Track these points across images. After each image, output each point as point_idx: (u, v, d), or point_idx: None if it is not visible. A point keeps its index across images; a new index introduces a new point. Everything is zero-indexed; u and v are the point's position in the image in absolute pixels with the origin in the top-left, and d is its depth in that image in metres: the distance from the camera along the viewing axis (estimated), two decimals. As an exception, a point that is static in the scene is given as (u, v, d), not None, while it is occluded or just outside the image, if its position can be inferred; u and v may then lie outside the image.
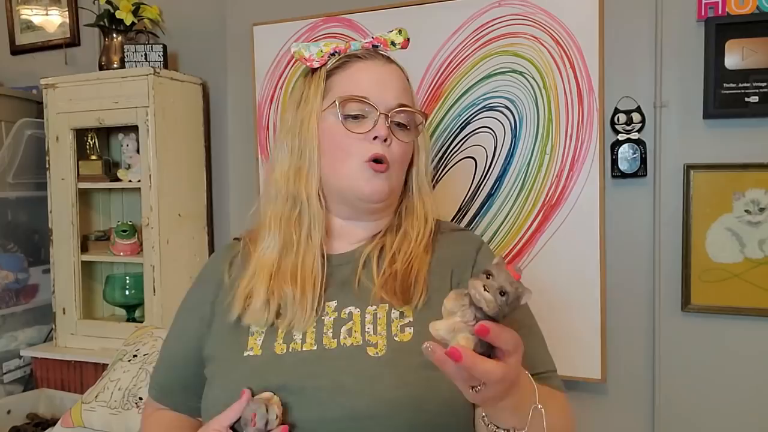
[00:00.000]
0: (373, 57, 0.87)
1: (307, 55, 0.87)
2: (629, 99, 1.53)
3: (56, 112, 2.04)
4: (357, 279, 0.83)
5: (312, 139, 0.85)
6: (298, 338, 0.80)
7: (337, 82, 0.86)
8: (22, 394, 2.07)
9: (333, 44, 0.87)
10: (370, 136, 0.82)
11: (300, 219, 0.85)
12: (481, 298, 0.53)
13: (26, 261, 2.23)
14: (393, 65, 0.88)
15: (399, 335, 0.78)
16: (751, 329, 1.45)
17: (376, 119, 0.83)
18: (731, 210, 1.46)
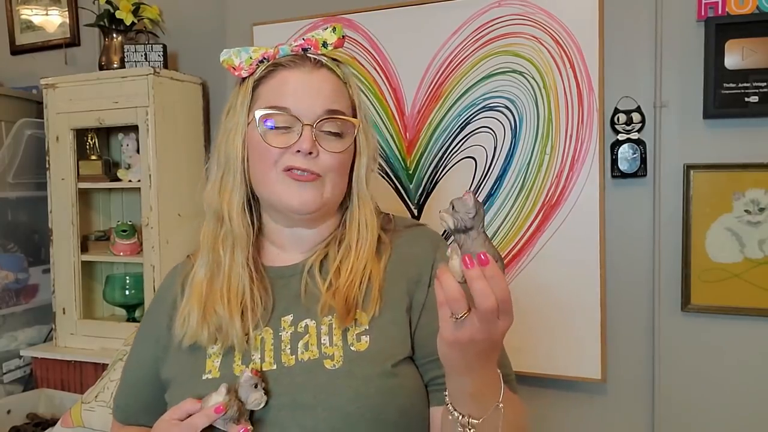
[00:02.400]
0: (301, 63, 0.82)
1: (237, 63, 0.83)
2: (629, 99, 1.53)
3: (56, 112, 2.04)
4: (303, 291, 0.82)
5: (236, 153, 0.82)
6: (257, 358, 0.79)
7: (263, 93, 0.82)
8: (22, 394, 2.07)
9: (261, 50, 0.83)
10: (293, 149, 0.79)
11: (225, 236, 0.83)
12: (442, 219, 0.62)
13: (26, 261, 2.23)
14: (323, 70, 0.83)
15: (355, 344, 0.77)
16: (751, 329, 1.45)
17: (300, 131, 0.79)
18: (731, 210, 1.46)
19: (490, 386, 0.66)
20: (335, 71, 0.84)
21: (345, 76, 0.85)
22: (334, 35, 0.84)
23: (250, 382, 0.72)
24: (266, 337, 0.80)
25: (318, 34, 0.84)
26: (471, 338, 0.60)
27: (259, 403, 0.72)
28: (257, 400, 0.72)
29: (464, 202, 0.61)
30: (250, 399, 0.72)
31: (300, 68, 0.82)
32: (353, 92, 0.86)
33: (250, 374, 0.73)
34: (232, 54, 0.84)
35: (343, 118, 0.82)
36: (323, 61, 0.84)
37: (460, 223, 0.60)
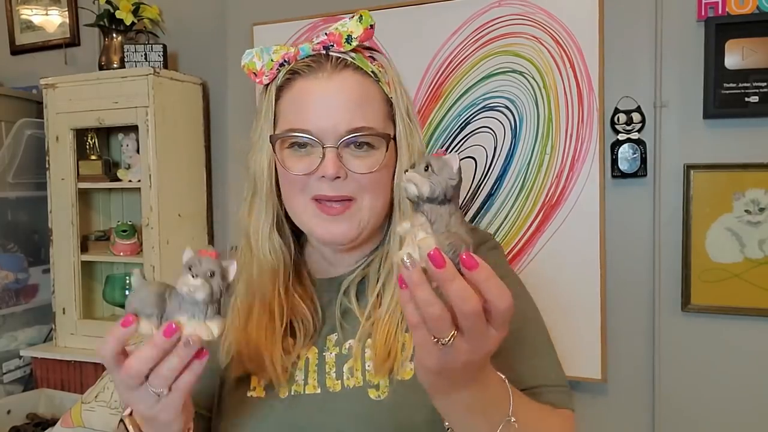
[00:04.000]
0: (318, 69, 0.71)
1: (259, 67, 0.74)
2: (629, 99, 1.53)
3: (56, 112, 2.04)
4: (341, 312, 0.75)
5: (261, 172, 0.75)
6: (300, 379, 0.74)
7: (283, 108, 0.73)
8: (22, 394, 2.07)
9: (282, 51, 0.73)
10: (317, 174, 0.70)
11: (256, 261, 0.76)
12: (408, 181, 0.49)
13: (26, 261, 2.23)
14: (346, 72, 0.71)
15: (400, 372, 0.70)
16: (751, 329, 1.45)
17: (322, 154, 0.69)
18: (731, 210, 1.46)
19: (491, 399, 0.55)
20: (363, 68, 0.72)
21: (380, 72, 0.73)
22: (360, 26, 0.71)
23: (189, 263, 0.54)
24: (311, 357, 0.74)
25: (342, 26, 0.71)
26: (464, 363, 0.49)
27: (192, 293, 0.53)
28: (189, 288, 0.53)
29: (447, 162, 0.48)
30: (183, 289, 0.53)
31: (317, 76, 0.71)
32: (390, 89, 0.74)
33: (191, 254, 0.55)
34: (254, 56, 0.74)
35: (368, 134, 0.70)
36: (348, 59, 0.72)
37: (437, 190, 0.47)
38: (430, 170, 0.48)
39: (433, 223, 0.47)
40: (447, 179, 0.48)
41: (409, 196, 0.49)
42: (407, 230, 0.49)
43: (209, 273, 0.53)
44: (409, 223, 0.49)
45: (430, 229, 0.47)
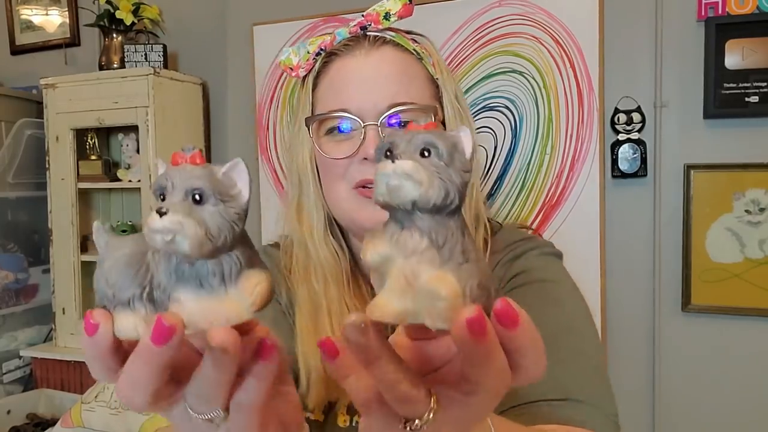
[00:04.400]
0: (356, 46, 0.67)
1: (296, 62, 0.69)
2: (629, 99, 1.53)
3: (56, 112, 2.04)
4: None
5: (305, 170, 0.69)
6: None
7: (321, 93, 0.68)
8: (22, 395, 2.07)
9: (318, 41, 0.68)
10: (358, 157, 0.64)
11: (315, 268, 0.69)
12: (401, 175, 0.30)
13: (26, 261, 2.23)
14: (386, 48, 0.66)
15: None
16: (752, 329, 1.45)
17: (363, 133, 0.63)
18: (731, 210, 1.46)
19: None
20: (405, 46, 0.67)
21: (423, 52, 0.68)
22: (398, 2, 0.66)
23: (158, 187, 0.33)
24: None
25: (380, 6, 0.67)
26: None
27: (169, 243, 0.31)
28: (161, 235, 0.30)
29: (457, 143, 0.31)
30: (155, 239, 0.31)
31: (354, 53, 0.66)
32: (435, 69, 0.68)
33: (162, 167, 0.34)
34: (291, 53, 0.69)
35: (411, 108, 0.64)
36: (387, 36, 0.68)
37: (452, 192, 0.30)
38: (433, 156, 0.30)
39: (442, 248, 0.30)
40: (461, 172, 0.31)
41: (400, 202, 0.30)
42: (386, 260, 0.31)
43: (193, 196, 0.31)
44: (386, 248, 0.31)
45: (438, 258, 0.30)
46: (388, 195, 0.30)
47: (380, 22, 0.67)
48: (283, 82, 1.87)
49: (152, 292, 0.33)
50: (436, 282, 0.29)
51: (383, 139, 0.33)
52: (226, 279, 0.32)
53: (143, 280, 0.33)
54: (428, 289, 0.29)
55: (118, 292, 0.34)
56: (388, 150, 0.32)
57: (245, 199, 0.33)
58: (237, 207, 0.32)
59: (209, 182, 0.32)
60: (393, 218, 0.32)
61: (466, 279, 0.29)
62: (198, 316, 0.32)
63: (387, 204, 0.31)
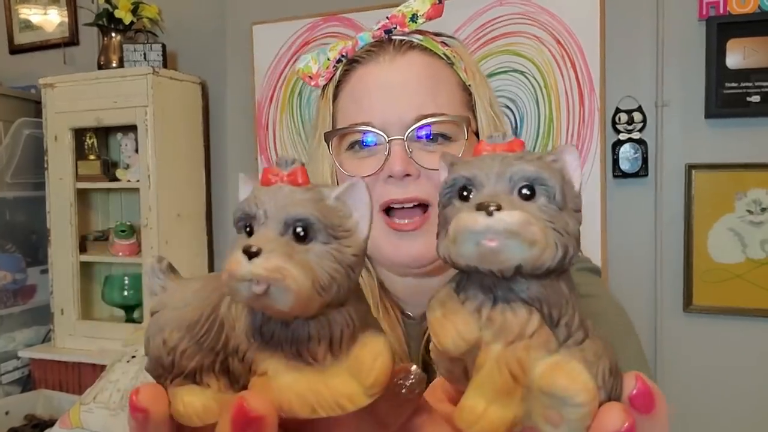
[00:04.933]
0: (380, 52, 0.61)
1: (315, 70, 0.64)
2: (630, 98, 1.52)
3: (55, 111, 2.03)
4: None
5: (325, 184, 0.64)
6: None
7: (342, 104, 0.63)
8: (20, 395, 2.06)
9: (339, 46, 0.63)
10: (383, 174, 0.57)
11: None
12: (499, 234, 0.21)
13: (24, 261, 2.22)
14: (412, 53, 0.60)
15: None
16: (753, 330, 1.45)
17: (387, 149, 0.57)
18: (733, 210, 1.45)
19: None
20: (434, 50, 0.61)
21: (454, 56, 0.62)
22: (426, 2, 0.61)
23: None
24: None
25: (406, 7, 0.61)
26: None
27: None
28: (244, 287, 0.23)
29: (564, 169, 0.24)
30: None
31: (378, 60, 0.60)
32: (467, 74, 0.63)
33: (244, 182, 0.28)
34: (310, 60, 0.64)
35: (441, 120, 0.58)
36: (414, 40, 0.62)
37: (570, 249, 0.23)
38: (540, 198, 0.23)
39: (557, 325, 0.23)
40: (575, 214, 0.23)
41: (500, 268, 0.22)
42: (470, 345, 0.23)
43: (295, 230, 0.23)
44: (474, 331, 0.23)
45: (554, 340, 0.23)
46: (480, 259, 0.22)
47: (406, 24, 0.61)
48: (283, 81, 1.87)
49: (227, 360, 0.25)
50: (566, 382, 0.21)
51: (450, 169, 0.25)
52: (334, 347, 0.23)
53: (216, 344, 0.24)
54: (552, 391, 0.21)
55: (180, 360, 0.25)
56: (463, 189, 0.23)
57: (364, 235, 0.24)
58: (354, 246, 0.23)
59: (318, 211, 0.23)
60: (477, 285, 0.23)
61: (596, 366, 0.22)
62: (295, 399, 0.23)
63: (470, 267, 0.23)
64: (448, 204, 0.24)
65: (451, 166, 0.25)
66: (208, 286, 0.26)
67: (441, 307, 0.24)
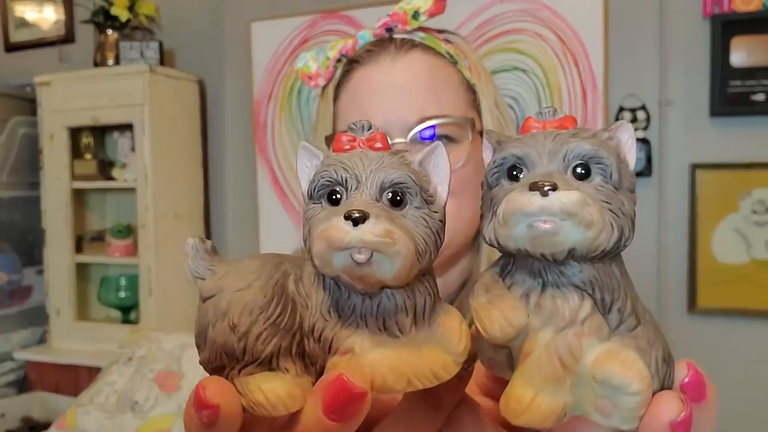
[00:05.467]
0: (380, 52, 0.60)
1: (314, 69, 0.63)
2: (634, 97, 1.51)
3: (50, 110, 2.01)
4: None
5: None
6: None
7: (343, 106, 0.61)
8: (16, 398, 2.04)
9: (339, 45, 0.62)
10: None
11: None
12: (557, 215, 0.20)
13: (20, 262, 2.19)
14: (414, 52, 0.59)
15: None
16: (759, 331, 1.43)
17: None
18: (737, 210, 1.44)
19: None
20: (437, 49, 0.60)
21: (457, 54, 0.61)
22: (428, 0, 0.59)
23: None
24: None
25: (407, 4, 0.60)
26: None
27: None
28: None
29: (619, 152, 0.22)
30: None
31: (379, 60, 0.59)
32: (471, 73, 0.61)
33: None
34: (309, 59, 0.63)
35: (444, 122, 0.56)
36: (416, 39, 0.60)
37: (626, 230, 0.22)
38: (596, 178, 0.22)
39: (609, 311, 0.22)
40: (630, 194, 0.22)
41: (552, 251, 0.21)
42: (518, 332, 0.22)
43: (394, 195, 0.22)
44: (523, 316, 0.22)
45: (606, 326, 0.22)
46: (532, 242, 0.21)
47: (408, 22, 0.60)
48: (282, 79, 1.85)
49: (302, 341, 0.23)
50: (620, 370, 0.20)
51: (498, 148, 0.23)
52: (418, 317, 0.23)
53: (292, 324, 0.23)
54: (606, 380, 0.20)
55: (254, 345, 0.22)
56: (513, 168, 0.22)
57: (444, 201, 0.23)
58: (440, 212, 0.23)
59: (412, 175, 0.22)
60: (524, 269, 0.22)
61: (649, 353, 0.22)
62: (390, 373, 0.22)
63: (520, 250, 0.21)
64: (495, 184, 0.23)
65: (498, 145, 0.24)
66: (267, 263, 0.24)
67: (486, 293, 0.23)
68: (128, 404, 1.55)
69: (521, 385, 0.21)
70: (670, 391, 0.22)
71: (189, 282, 0.24)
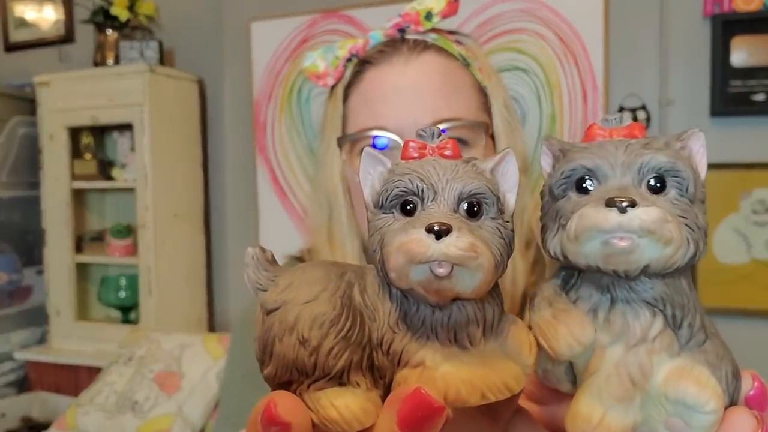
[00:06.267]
0: (393, 53, 0.59)
1: (323, 68, 0.61)
2: (634, 96, 1.50)
3: (50, 110, 2.01)
4: None
5: (336, 192, 0.61)
6: None
7: (353, 107, 0.60)
8: (16, 397, 2.04)
9: (349, 44, 0.61)
10: None
11: None
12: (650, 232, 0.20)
13: (19, 262, 2.19)
14: (428, 54, 0.58)
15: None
16: (759, 331, 1.43)
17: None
18: (738, 210, 1.44)
19: None
20: (449, 50, 0.59)
21: (469, 56, 0.60)
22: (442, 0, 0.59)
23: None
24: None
25: (420, 4, 0.59)
26: None
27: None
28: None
29: (692, 163, 0.22)
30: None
31: (391, 61, 0.58)
32: (482, 75, 0.60)
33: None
34: (317, 58, 0.62)
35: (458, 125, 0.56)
36: (428, 40, 0.60)
37: (698, 247, 0.21)
38: (671, 191, 0.21)
39: (680, 327, 0.21)
40: (702, 206, 0.22)
41: (627, 268, 0.21)
42: (585, 348, 0.22)
43: (471, 206, 0.22)
44: (591, 333, 0.22)
45: (676, 342, 0.21)
46: (606, 259, 0.20)
47: (421, 23, 0.58)
48: (282, 79, 1.84)
49: (372, 354, 0.22)
50: (695, 388, 0.20)
51: (563, 157, 0.22)
52: (487, 329, 0.23)
53: (362, 338, 0.22)
54: (680, 398, 0.20)
55: (326, 360, 0.22)
56: (582, 180, 0.21)
57: (512, 209, 0.23)
58: (510, 221, 0.23)
59: (489, 184, 0.22)
60: (591, 283, 0.22)
61: (719, 369, 0.21)
62: (463, 386, 0.21)
63: (591, 266, 0.21)
64: (562, 196, 0.22)
65: (562, 154, 0.23)
66: (331, 273, 0.23)
67: (549, 307, 0.23)
68: (128, 404, 1.55)
69: (589, 403, 0.21)
70: (742, 408, 0.21)
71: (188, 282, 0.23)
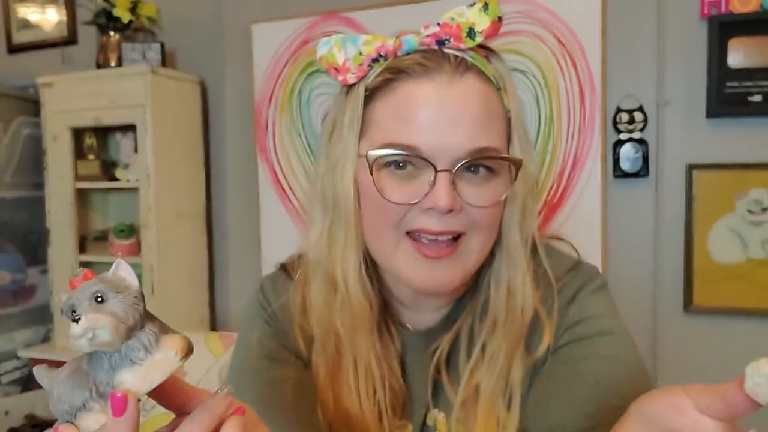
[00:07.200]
0: (436, 69, 0.54)
1: (341, 61, 0.57)
2: (631, 98, 1.52)
3: (53, 111, 2.03)
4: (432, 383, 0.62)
5: (346, 195, 0.57)
6: None
7: (380, 115, 0.56)
8: (20, 395, 2.06)
9: (377, 42, 0.56)
10: (423, 205, 0.53)
11: (342, 308, 0.60)
12: None
13: (24, 261, 2.22)
14: (469, 76, 0.54)
15: None
16: (754, 330, 1.45)
17: (433, 180, 0.53)
18: (734, 210, 1.45)
19: None
20: (486, 73, 0.56)
21: (499, 77, 0.57)
22: (485, 17, 0.54)
23: (68, 305, 0.36)
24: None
25: (460, 16, 0.55)
26: None
27: (94, 339, 0.34)
28: (86, 338, 0.34)
29: None
30: (81, 343, 0.35)
31: (434, 78, 0.54)
32: (509, 100, 0.58)
33: (65, 294, 0.37)
34: (333, 46, 0.57)
35: (496, 157, 0.54)
36: (468, 60, 0.55)
37: None
38: None
39: None
40: None
41: None
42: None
43: (96, 298, 0.35)
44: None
45: None
46: None
47: (462, 39, 0.54)
48: (282, 81, 1.86)
49: (98, 390, 0.37)
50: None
51: None
52: (148, 348, 0.36)
53: (88, 384, 0.37)
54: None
55: (72, 403, 0.37)
56: None
57: (135, 286, 0.37)
58: (133, 293, 0.37)
59: (104, 283, 0.36)
60: None
61: None
62: (140, 383, 0.36)
63: None
64: None
65: None
66: (71, 363, 0.41)
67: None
68: (131, 402, 1.57)
69: None
70: None
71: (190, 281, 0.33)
